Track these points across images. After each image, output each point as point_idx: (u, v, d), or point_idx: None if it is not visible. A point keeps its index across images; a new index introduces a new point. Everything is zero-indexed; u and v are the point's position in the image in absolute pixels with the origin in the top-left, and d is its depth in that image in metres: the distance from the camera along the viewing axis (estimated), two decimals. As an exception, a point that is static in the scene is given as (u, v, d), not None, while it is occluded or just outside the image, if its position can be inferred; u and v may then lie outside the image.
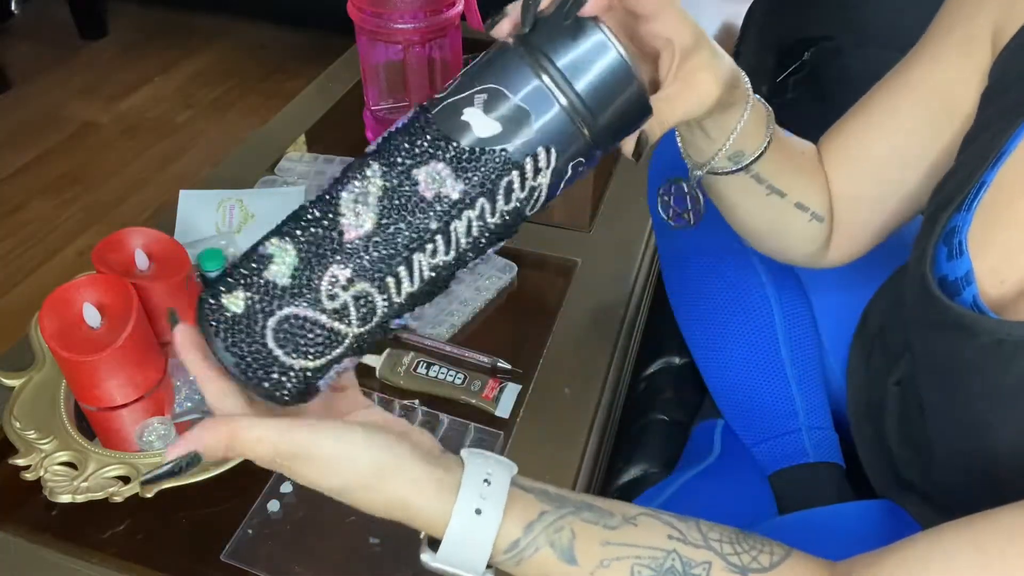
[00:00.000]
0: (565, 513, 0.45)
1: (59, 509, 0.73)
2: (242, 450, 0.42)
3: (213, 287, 0.43)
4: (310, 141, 1.27)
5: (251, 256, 0.42)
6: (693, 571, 0.44)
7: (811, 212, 0.63)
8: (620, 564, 0.44)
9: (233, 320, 0.41)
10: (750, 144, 0.57)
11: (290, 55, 2.55)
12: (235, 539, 0.71)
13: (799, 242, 0.65)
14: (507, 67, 0.40)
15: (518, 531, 0.44)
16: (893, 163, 0.62)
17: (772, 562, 0.45)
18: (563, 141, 0.40)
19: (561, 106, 0.40)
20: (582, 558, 0.44)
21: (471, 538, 0.43)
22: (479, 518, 0.43)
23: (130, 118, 2.29)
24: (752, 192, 0.60)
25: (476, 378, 0.85)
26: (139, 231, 0.89)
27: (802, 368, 0.79)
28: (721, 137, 0.55)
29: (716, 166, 0.58)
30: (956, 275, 0.51)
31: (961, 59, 0.57)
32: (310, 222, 0.41)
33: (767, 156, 0.58)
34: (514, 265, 0.99)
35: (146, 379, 0.82)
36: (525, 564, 0.44)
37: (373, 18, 1.08)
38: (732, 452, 0.83)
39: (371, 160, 0.41)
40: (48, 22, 2.70)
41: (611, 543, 0.45)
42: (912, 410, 0.65)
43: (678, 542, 0.45)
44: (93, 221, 1.90)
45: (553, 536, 0.44)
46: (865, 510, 0.68)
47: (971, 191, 0.51)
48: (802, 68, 1.42)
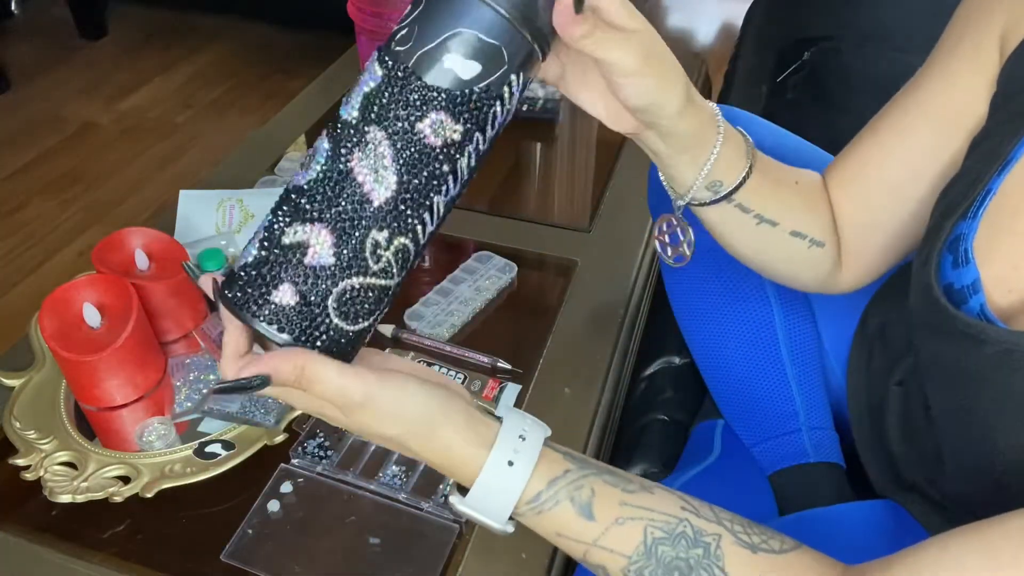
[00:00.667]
0: (588, 473, 0.48)
1: (59, 509, 0.73)
2: (309, 384, 0.44)
3: (247, 289, 0.45)
4: (310, 141, 1.27)
5: (276, 248, 0.44)
6: (704, 539, 0.46)
7: (809, 239, 0.62)
8: (634, 524, 0.46)
9: (291, 310, 0.44)
10: (728, 174, 0.57)
11: (290, 55, 2.55)
12: (235, 539, 0.71)
13: (802, 268, 0.65)
14: (469, 8, 0.42)
15: (542, 484, 0.47)
16: (908, 184, 0.61)
17: (783, 548, 0.46)
18: (525, 62, 0.45)
19: (520, 33, 0.43)
20: (599, 514, 0.47)
21: (500, 487, 0.46)
22: (510, 470, 0.46)
23: (130, 118, 2.29)
24: (741, 222, 0.60)
25: (476, 378, 0.85)
26: (139, 231, 0.89)
27: (802, 368, 0.79)
28: (696, 166, 0.55)
29: (696, 197, 0.58)
30: (963, 283, 0.50)
31: (970, 69, 0.56)
32: (331, 199, 0.43)
33: (749, 186, 0.57)
34: (514, 265, 0.99)
35: (146, 379, 0.82)
36: (545, 516, 0.47)
37: (373, 18, 1.08)
38: (732, 452, 0.83)
39: (365, 126, 0.43)
40: (48, 22, 2.70)
41: (628, 504, 0.47)
42: (915, 411, 0.65)
43: (691, 514, 0.47)
44: (93, 221, 1.90)
45: (574, 492, 0.47)
46: (866, 510, 0.68)
47: (977, 198, 0.51)
48: (802, 68, 1.42)
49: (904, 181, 0.60)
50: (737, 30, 1.76)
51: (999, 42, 0.54)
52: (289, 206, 0.44)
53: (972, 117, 0.56)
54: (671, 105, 0.50)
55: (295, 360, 0.44)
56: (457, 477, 0.48)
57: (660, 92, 0.49)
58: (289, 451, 0.77)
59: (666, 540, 0.46)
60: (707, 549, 0.46)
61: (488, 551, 0.70)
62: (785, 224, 0.61)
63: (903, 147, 0.60)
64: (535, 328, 0.93)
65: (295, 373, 0.44)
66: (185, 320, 0.88)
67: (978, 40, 0.56)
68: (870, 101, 0.67)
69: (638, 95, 0.49)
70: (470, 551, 0.70)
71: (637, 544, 0.46)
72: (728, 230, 0.62)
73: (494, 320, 0.95)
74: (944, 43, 0.59)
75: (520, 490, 0.46)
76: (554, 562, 0.70)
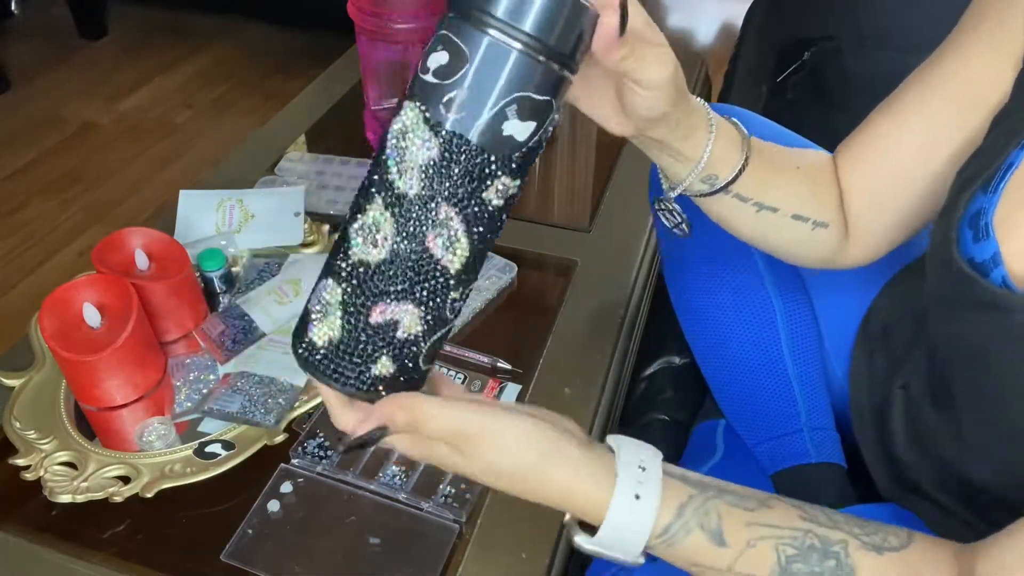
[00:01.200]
0: (709, 496, 0.47)
1: (59, 509, 0.73)
2: (422, 423, 0.44)
3: (344, 368, 0.45)
4: (310, 141, 1.27)
5: (365, 328, 0.44)
6: (832, 548, 0.46)
7: (812, 221, 0.62)
8: (765, 543, 0.46)
9: (390, 376, 0.46)
10: (723, 168, 0.57)
11: (290, 55, 2.55)
12: (235, 539, 0.71)
13: (807, 248, 0.65)
14: (523, 72, 0.42)
15: (671, 515, 0.46)
16: (925, 161, 0.60)
17: (902, 542, 0.46)
18: (565, 93, 0.45)
19: (566, 77, 0.43)
20: (730, 539, 0.46)
21: (630, 524, 0.45)
22: (638, 503, 0.45)
23: (130, 118, 2.29)
24: (740, 210, 0.60)
25: (476, 378, 0.85)
26: (139, 231, 0.89)
27: (804, 368, 0.79)
28: (690, 162, 0.56)
29: (692, 189, 0.58)
30: (983, 257, 0.50)
31: (993, 48, 0.56)
32: (412, 279, 0.44)
33: (746, 177, 0.58)
34: (514, 265, 0.99)
35: (146, 379, 0.82)
36: (677, 547, 0.46)
37: (373, 18, 1.08)
38: (735, 452, 0.83)
39: (432, 204, 0.43)
40: (48, 22, 2.70)
41: (754, 524, 0.47)
42: (922, 415, 0.65)
43: (811, 523, 0.47)
44: (93, 221, 1.90)
45: (703, 519, 0.46)
46: (869, 513, 0.68)
47: (998, 172, 0.51)
48: (802, 68, 1.42)
49: (921, 158, 0.60)
50: (737, 30, 1.76)
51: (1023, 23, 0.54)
52: (364, 285, 0.44)
53: (994, 95, 0.56)
54: (675, 116, 0.51)
55: (404, 403, 0.44)
56: (580, 516, 0.47)
57: (672, 106, 0.50)
58: (289, 451, 0.77)
59: (798, 557, 0.46)
60: (838, 559, 0.46)
61: (488, 551, 0.70)
62: (786, 209, 0.61)
63: (921, 124, 0.60)
64: (535, 328, 0.93)
65: (408, 416, 0.44)
66: (185, 320, 0.88)
67: (1002, 18, 0.55)
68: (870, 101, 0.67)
69: (654, 108, 0.50)
70: (470, 551, 0.70)
71: (772, 564, 0.46)
72: (727, 217, 0.62)
73: (494, 320, 0.95)
74: (966, 22, 0.59)
75: (651, 524, 0.45)
76: (554, 562, 0.70)
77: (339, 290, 0.44)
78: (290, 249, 1.01)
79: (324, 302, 0.45)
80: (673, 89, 0.49)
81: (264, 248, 1.01)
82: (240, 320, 0.88)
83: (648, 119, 0.51)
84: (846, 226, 0.64)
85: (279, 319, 0.89)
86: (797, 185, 0.62)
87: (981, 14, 0.58)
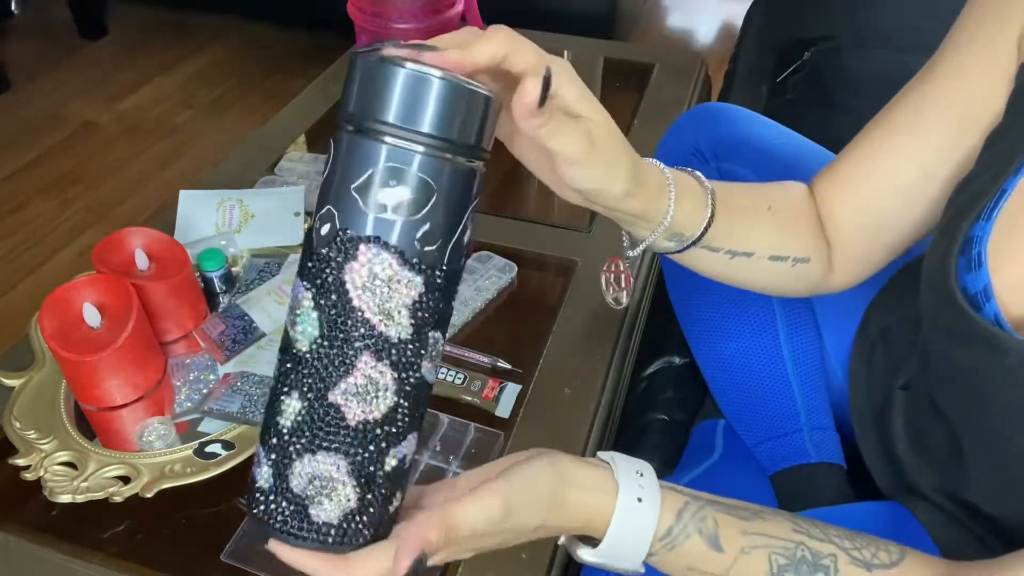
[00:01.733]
0: (703, 504, 0.48)
1: (59, 509, 0.73)
2: (455, 534, 0.43)
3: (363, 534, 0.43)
4: (310, 141, 1.27)
5: (379, 488, 0.43)
6: (822, 562, 0.46)
7: (791, 259, 0.61)
8: (759, 552, 0.47)
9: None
10: (688, 227, 0.56)
11: (290, 55, 2.55)
12: (235, 539, 0.71)
13: (789, 283, 0.64)
14: (470, 192, 0.42)
15: (671, 518, 0.46)
16: (919, 184, 0.59)
17: (892, 560, 0.47)
18: (471, 212, 0.43)
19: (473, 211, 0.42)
20: (727, 545, 0.47)
21: (633, 527, 0.46)
22: (640, 507, 0.46)
23: (130, 118, 2.29)
24: (712, 259, 0.59)
25: (476, 378, 0.85)
26: (139, 231, 0.89)
27: (803, 368, 0.79)
28: (652, 223, 0.55)
29: (657, 247, 0.57)
30: (976, 289, 0.49)
31: (986, 66, 0.55)
32: (418, 414, 0.44)
33: (714, 230, 0.57)
34: (514, 265, 0.99)
35: (146, 379, 0.82)
36: (676, 551, 0.47)
37: (373, 18, 1.08)
38: (734, 452, 0.83)
39: (424, 337, 0.42)
40: (48, 22, 2.70)
41: (749, 533, 0.47)
42: (923, 416, 0.65)
43: (803, 535, 0.47)
44: (93, 221, 1.90)
45: (700, 524, 0.47)
46: (868, 511, 0.68)
47: (991, 200, 0.50)
48: (802, 68, 1.42)
49: (914, 181, 0.59)
50: (737, 30, 1.76)
51: (1017, 42, 0.54)
52: (375, 442, 0.42)
53: (988, 114, 0.55)
54: (615, 189, 0.50)
55: (434, 523, 0.43)
56: (583, 529, 0.47)
57: (604, 180, 0.49)
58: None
59: (790, 567, 0.46)
60: (827, 573, 0.46)
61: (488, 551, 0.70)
62: (761, 252, 0.60)
63: (915, 146, 0.59)
64: (535, 328, 0.93)
65: (441, 532, 0.43)
66: (185, 320, 0.88)
67: (994, 36, 0.55)
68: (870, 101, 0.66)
69: (582, 181, 0.48)
70: (470, 551, 0.70)
71: (765, 573, 0.46)
72: (699, 267, 0.61)
73: (494, 320, 0.95)
74: (954, 40, 0.58)
75: (654, 526, 0.46)
76: (554, 562, 0.70)
77: (353, 453, 0.42)
78: (290, 249, 1.01)
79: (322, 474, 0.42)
80: (601, 163, 0.48)
81: (264, 248, 1.01)
82: (240, 320, 0.88)
83: (581, 190, 0.50)
84: (828, 254, 0.63)
85: (279, 319, 0.89)
86: (770, 227, 0.61)
87: (972, 33, 0.57)
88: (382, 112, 0.39)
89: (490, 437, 0.79)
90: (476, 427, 0.80)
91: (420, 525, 0.43)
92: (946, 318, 0.52)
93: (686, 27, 2.76)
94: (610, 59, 1.50)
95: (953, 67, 0.57)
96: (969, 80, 0.56)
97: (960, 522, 0.61)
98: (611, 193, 0.50)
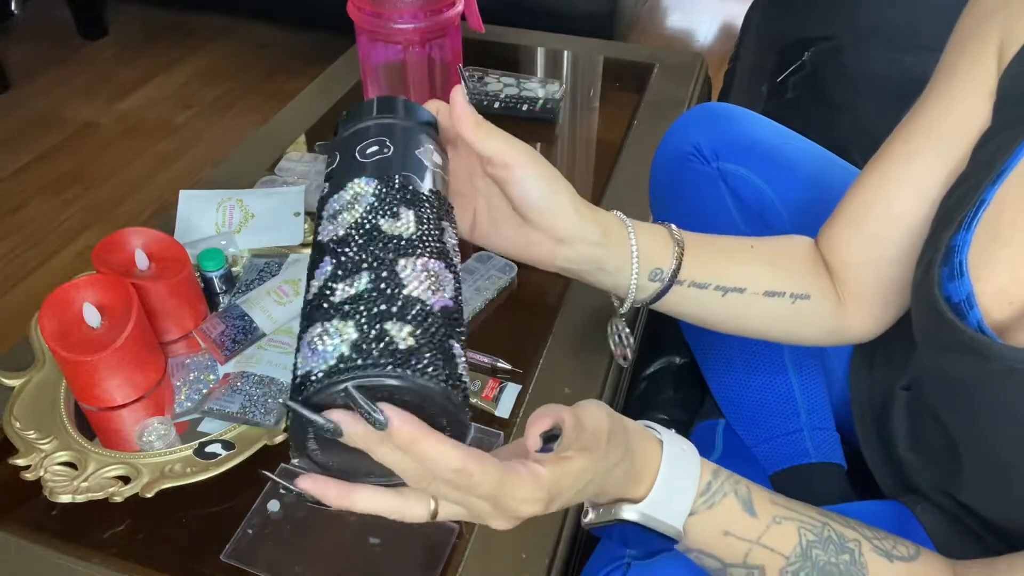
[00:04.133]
0: (731, 472, 0.49)
1: (59, 509, 0.73)
2: (582, 423, 0.44)
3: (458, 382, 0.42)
4: (310, 141, 1.27)
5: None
6: (848, 544, 0.47)
7: (789, 295, 0.61)
8: (789, 524, 0.47)
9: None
10: (661, 258, 0.59)
11: (290, 55, 2.55)
12: (235, 539, 0.71)
13: (797, 326, 0.64)
14: None
15: (709, 475, 0.47)
16: (915, 211, 0.59)
17: (911, 554, 0.48)
18: None
19: None
20: (759, 511, 0.47)
21: (681, 472, 0.46)
22: (685, 453, 0.47)
23: (130, 118, 2.29)
24: (704, 298, 0.60)
25: (476, 378, 0.85)
26: (139, 231, 0.89)
27: (804, 368, 0.79)
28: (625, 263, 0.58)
29: (644, 293, 0.60)
30: (959, 298, 0.50)
31: (970, 85, 0.56)
32: None
33: (692, 260, 0.59)
34: (514, 265, 0.99)
35: (146, 379, 0.82)
36: (715, 509, 0.47)
37: (373, 18, 1.08)
38: (734, 452, 0.83)
39: None
40: (48, 22, 2.71)
41: (778, 504, 0.48)
42: (925, 416, 0.65)
43: (828, 518, 0.48)
44: (93, 221, 1.90)
45: (735, 486, 0.48)
46: (869, 510, 0.68)
47: (971, 209, 0.50)
48: (802, 68, 1.42)
49: (911, 208, 0.59)
50: (737, 30, 1.76)
51: (997, 53, 0.54)
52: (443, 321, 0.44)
53: (974, 131, 0.55)
54: (563, 201, 0.54)
55: (563, 409, 0.44)
56: (635, 483, 0.46)
57: (549, 185, 0.54)
58: (289, 451, 0.77)
59: (817, 543, 0.47)
60: (852, 555, 0.47)
61: (488, 551, 0.70)
62: (753, 287, 0.61)
63: (909, 174, 0.59)
64: (535, 328, 0.93)
65: (572, 417, 0.43)
66: (185, 320, 0.88)
67: (976, 55, 0.55)
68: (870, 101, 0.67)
69: (531, 186, 0.53)
70: (470, 551, 0.70)
71: (794, 545, 0.47)
72: (696, 312, 0.62)
73: (494, 320, 0.95)
74: (942, 68, 0.59)
75: (698, 474, 0.47)
76: (554, 562, 0.70)
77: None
78: (290, 249, 1.01)
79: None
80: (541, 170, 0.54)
81: (264, 248, 1.01)
82: (240, 320, 0.88)
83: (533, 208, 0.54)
84: (837, 296, 0.63)
85: (279, 319, 0.89)
86: (755, 262, 0.62)
87: (955, 57, 0.57)
88: None
89: (490, 437, 0.79)
90: (476, 427, 0.80)
91: (551, 409, 0.44)
92: (932, 327, 0.52)
93: (686, 27, 2.76)
94: (610, 59, 1.50)
95: (941, 93, 0.58)
96: (955, 101, 0.57)
97: (960, 522, 0.61)
98: (562, 205, 0.55)
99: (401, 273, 0.44)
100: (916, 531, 0.63)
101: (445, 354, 0.41)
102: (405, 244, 0.45)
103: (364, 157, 0.50)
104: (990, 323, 0.49)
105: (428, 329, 0.42)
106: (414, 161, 0.50)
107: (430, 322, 0.42)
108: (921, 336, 0.56)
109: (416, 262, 0.45)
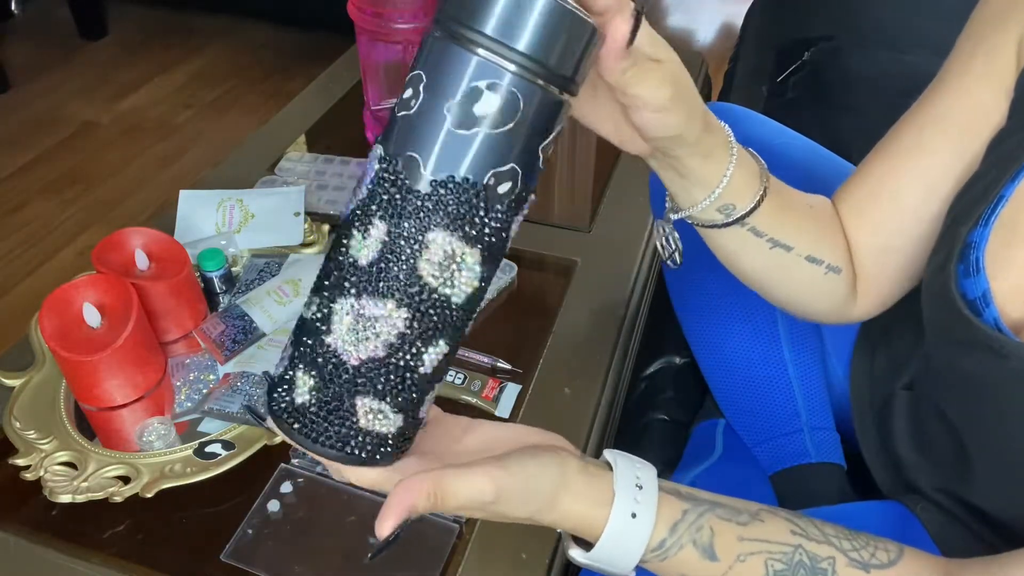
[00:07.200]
0: (703, 511, 0.47)
1: (59, 509, 0.73)
2: (442, 502, 0.43)
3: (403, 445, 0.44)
4: (310, 141, 1.27)
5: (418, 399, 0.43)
6: (820, 565, 0.46)
7: (825, 264, 0.60)
8: (755, 559, 0.46)
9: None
10: (741, 197, 0.54)
11: (290, 55, 2.55)
12: (235, 539, 0.71)
13: (816, 296, 0.62)
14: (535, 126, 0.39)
15: (664, 531, 0.46)
16: (925, 203, 0.58)
17: (891, 559, 0.47)
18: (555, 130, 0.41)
19: (565, 101, 0.39)
20: (722, 554, 0.46)
21: (625, 540, 0.45)
22: (634, 522, 0.45)
23: (130, 118, 2.29)
24: (753, 245, 0.58)
25: (476, 378, 0.85)
26: (139, 231, 0.89)
27: (804, 368, 0.79)
28: (707, 187, 0.53)
29: (705, 219, 0.55)
30: (975, 295, 0.49)
31: (986, 79, 0.55)
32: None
33: (763, 210, 0.55)
34: (514, 265, 0.99)
35: (146, 379, 0.82)
36: (669, 561, 0.46)
37: (373, 18, 1.08)
38: (734, 452, 0.83)
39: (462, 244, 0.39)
40: (48, 22, 2.71)
41: (745, 539, 0.47)
42: (927, 417, 0.65)
43: (801, 538, 0.47)
44: (93, 221, 1.90)
45: (695, 535, 0.46)
46: (868, 510, 0.68)
47: (989, 206, 0.50)
48: (802, 68, 1.42)
49: (921, 201, 0.59)
50: (737, 30, 1.76)
51: (1016, 48, 0.53)
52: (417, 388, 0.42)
53: (989, 127, 0.55)
54: (690, 136, 0.49)
55: (423, 488, 0.42)
56: (580, 535, 0.47)
57: (684, 126, 0.48)
58: (289, 451, 0.77)
59: (786, 571, 0.46)
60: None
61: (488, 551, 0.70)
62: (800, 248, 0.58)
63: (920, 166, 0.58)
64: (535, 328, 0.93)
65: (430, 500, 0.43)
66: (185, 320, 0.88)
67: (993, 48, 0.54)
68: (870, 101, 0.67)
69: (664, 128, 0.47)
70: (470, 551, 0.70)
71: None
72: (740, 254, 0.59)
73: (494, 320, 0.95)
74: (956, 57, 0.58)
75: (646, 541, 0.45)
76: (554, 562, 0.70)
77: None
78: (290, 249, 1.01)
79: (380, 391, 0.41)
80: (683, 107, 0.47)
81: (264, 248, 1.01)
82: (240, 320, 0.88)
83: (659, 138, 0.48)
84: (855, 277, 0.62)
85: (279, 319, 0.89)
86: (811, 224, 0.59)
87: (972, 49, 0.56)
88: (480, 23, 0.37)
89: (490, 437, 0.79)
90: (476, 427, 0.80)
91: (410, 489, 0.42)
92: (947, 324, 0.52)
93: (686, 27, 2.76)
94: (610, 59, 1.50)
95: (955, 84, 0.57)
96: (970, 95, 0.56)
97: (960, 521, 0.61)
98: (687, 139, 0.48)
99: (333, 314, 0.40)
100: (916, 531, 0.63)
101: (334, 413, 0.41)
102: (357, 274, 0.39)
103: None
104: (1006, 321, 0.48)
105: (328, 385, 0.40)
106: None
107: (334, 377, 0.40)
108: (934, 333, 0.56)
109: (355, 303, 0.39)
